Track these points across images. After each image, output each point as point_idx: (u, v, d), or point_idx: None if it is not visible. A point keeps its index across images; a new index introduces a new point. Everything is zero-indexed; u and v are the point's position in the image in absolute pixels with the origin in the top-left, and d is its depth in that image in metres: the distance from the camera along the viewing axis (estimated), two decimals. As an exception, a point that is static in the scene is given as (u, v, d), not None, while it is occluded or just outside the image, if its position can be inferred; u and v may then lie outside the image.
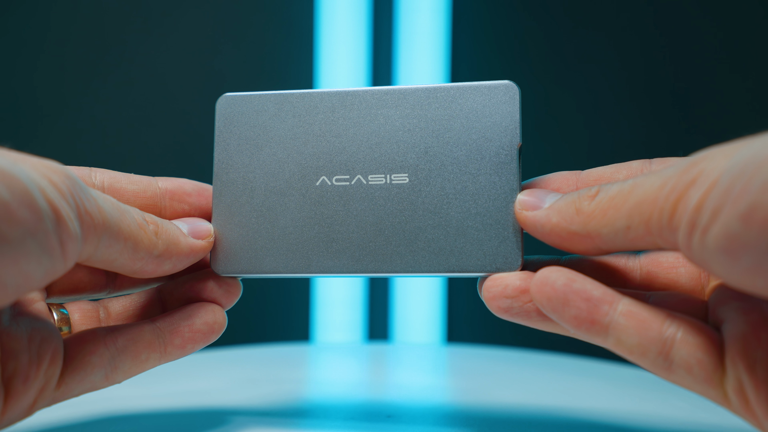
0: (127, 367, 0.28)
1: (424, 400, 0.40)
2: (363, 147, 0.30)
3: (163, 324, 0.29)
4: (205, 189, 0.32)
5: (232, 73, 0.77)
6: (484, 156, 0.29)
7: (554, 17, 0.77)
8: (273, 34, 0.77)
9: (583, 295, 0.25)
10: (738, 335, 0.23)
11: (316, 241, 0.30)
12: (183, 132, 0.77)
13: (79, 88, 0.75)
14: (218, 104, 0.32)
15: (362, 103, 0.31)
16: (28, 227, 0.21)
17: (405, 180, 0.30)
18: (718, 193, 0.20)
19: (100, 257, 0.25)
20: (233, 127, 0.31)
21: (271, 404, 0.37)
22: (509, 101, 0.30)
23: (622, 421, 0.35)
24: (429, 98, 0.30)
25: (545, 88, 0.77)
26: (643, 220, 0.23)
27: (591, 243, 0.26)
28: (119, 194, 0.30)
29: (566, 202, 0.26)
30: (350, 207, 0.30)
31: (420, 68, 0.76)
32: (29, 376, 0.25)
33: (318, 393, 0.43)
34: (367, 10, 0.76)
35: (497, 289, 0.28)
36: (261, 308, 0.78)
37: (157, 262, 0.28)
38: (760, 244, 0.19)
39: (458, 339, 0.77)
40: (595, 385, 0.44)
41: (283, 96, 0.31)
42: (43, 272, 0.22)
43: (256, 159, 0.31)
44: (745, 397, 0.23)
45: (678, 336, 0.24)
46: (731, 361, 0.23)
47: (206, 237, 0.30)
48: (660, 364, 0.24)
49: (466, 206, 0.29)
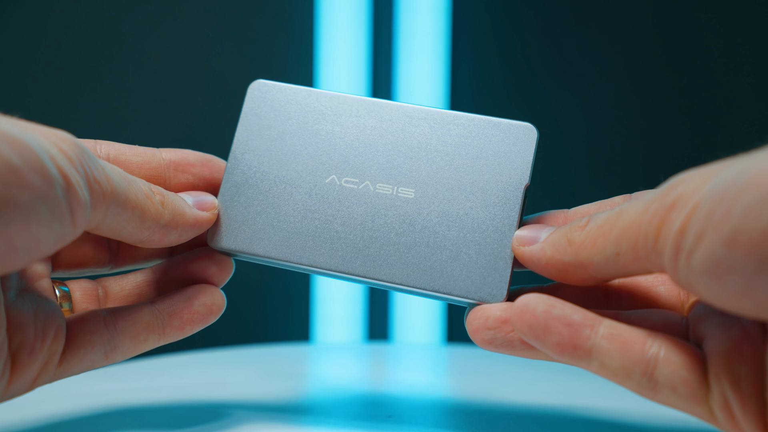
0: (126, 348, 0.29)
1: (424, 400, 0.40)
2: (377, 156, 0.31)
3: (162, 306, 0.30)
4: (209, 160, 0.32)
5: (231, 73, 0.77)
6: (491, 188, 0.30)
7: (554, 17, 0.77)
8: (273, 34, 0.77)
9: (563, 321, 0.25)
10: (720, 351, 0.23)
11: (313, 235, 0.30)
12: (182, 132, 0.77)
13: (76, 87, 0.75)
14: (250, 88, 0.33)
15: (386, 115, 0.32)
16: (39, 192, 0.21)
17: (411, 195, 0.30)
18: (700, 217, 0.20)
19: (109, 225, 0.26)
20: (259, 111, 0.32)
21: (271, 404, 0.37)
22: (526, 142, 0.30)
23: (622, 421, 0.35)
24: (451, 123, 0.31)
25: (545, 88, 0.77)
26: (630, 245, 0.23)
27: (585, 272, 0.26)
28: (124, 166, 0.31)
29: (559, 234, 0.27)
30: (352, 209, 0.30)
31: (420, 68, 0.76)
32: (35, 349, 0.26)
33: (318, 393, 0.43)
34: (367, 10, 0.76)
35: (479, 322, 0.28)
36: (261, 308, 0.78)
37: (163, 232, 0.28)
38: (745, 268, 0.19)
39: (458, 339, 0.77)
40: (595, 385, 0.44)
41: (314, 93, 0.32)
42: (54, 238, 0.22)
43: (274, 146, 0.32)
44: (731, 413, 0.23)
45: (661, 355, 0.24)
46: (715, 378, 0.23)
47: (210, 209, 0.31)
48: (645, 385, 0.24)
49: (464, 233, 0.30)
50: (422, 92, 0.75)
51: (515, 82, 0.78)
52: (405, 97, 0.76)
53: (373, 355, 0.60)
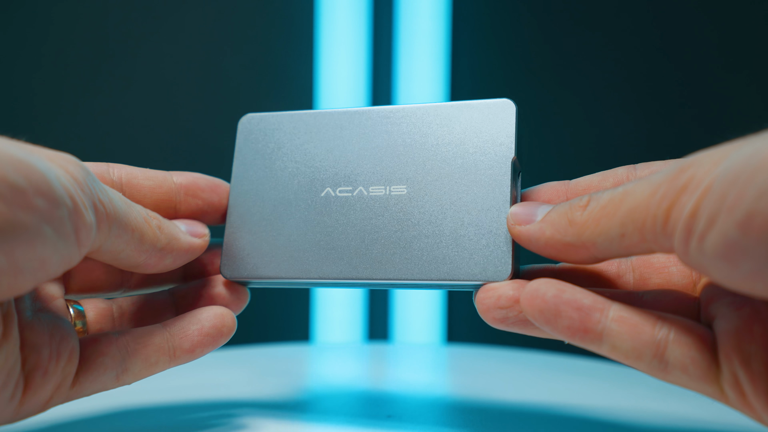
0: (137, 370, 0.29)
1: (424, 400, 0.40)
2: (366, 161, 0.32)
3: (173, 328, 0.30)
4: (217, 186, 0.33)
5: (232, 73, 0.77)
6: (479, 169, 0.30)
7: (554, 18, 0.77)
8: (273, 34, 0.77)
9: (573, 305, 0.25)
10: (731, 330, 0.23)
11: (317, 249, 0.31)
12: (183, 132, 0.77)
13: (79, 88, 0.75)
14: (240, 123, 0.34)
15: (368, 121, 0.33)
16: (45, 214, 0.22)
17: (403, 191, 0.31)
18: (712, 199, 0.20)
19: (109, 248, 0.26)
20: (251, 143, 0.34)
21: (272, 404, 0.37)
22: (506, 117, 0.31)
23: (622, 421, 0.35)
24: (430, 116, 0.32)
25: (545, 88, 0.77)
26: (636, 227, 0.23)
27: (586, 252, 0.26)
28: (136, 189, 0.32)
29: (558, 213, 0.27)
30: (351, 216, 0.31)
31: (420, 68, 0.76)
32: (48, 370, 0.26)
33: (318, 393, 0.43)
34: (367, 11, 0.76)
35: (491, 301, 0.28)
36: (261, 308, 0.78)
37: (159, 256, 0.29)
38: (759, 250, 0.19)
39: (458, 339, 0.77)
40: (594, 385, 0.45)
41: (298, 115, 0.34)
42: (59, 259, 0.23)
43: (269, 172, 0.33)
44: (741, 392, 0.23)
45: (671, 337, 0.24)
46: (725, 357, 0.23)
47: (202, 237, 0.32)
48: (656, 366, 0.24)
49: (460, 216, 0.30)
50: (422, 92, 0.75)
51: (515, 82, 0.78)
52: (405, 96, 0.76)
53: (373, 355, 0.60)
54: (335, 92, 0.76)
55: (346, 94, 0.75)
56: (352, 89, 0.76)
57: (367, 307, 0.78)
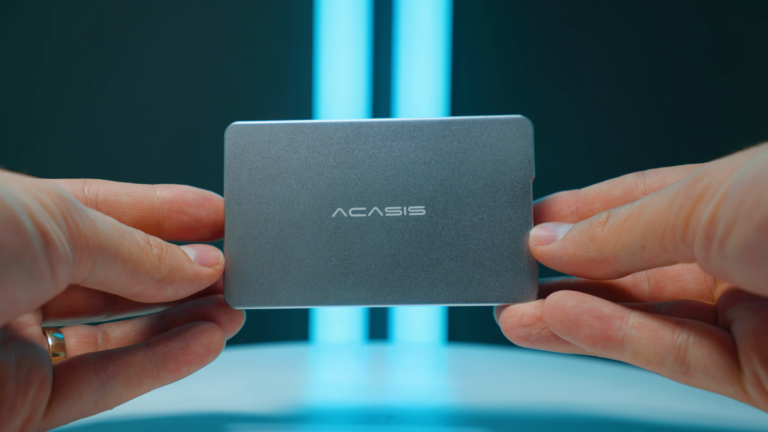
0: (118, 394, 0.27)
1: (424, 401, 0.40)
2: (379, 179, 0.30)
3: (157, 348, 0.28)
4: (207, 199, 0.31)
5: (232, 73, 0.77)
6: (499, 189, 0.30)
7: (553, 21, 0.77)
8: (273, 35, 0.77)
9: (594, 314, 0.26)
10: (750, 332, 0.24)
11: (334, 273, 0.30)
12: (184, 132, 0.77)
13: (79, 90, 0.75)
14: (227, 133, 0.31)
15: (377, 135, 0.31)
16: (13, 252, 0.20)
17: (422, 212, 0.30)
18: (729, 206, 0.21)
19: (97, 279, 0.24)
20: (244, 157, 0.31)
21: (272, 404, 0.37)
22: (522, 135, 0.30)
23: (622, 421, 0.35)
24: (443, 131, 0.31)
25: (544, 90, 0.77)
26: (656, 238, 0.24)
27: (609, 267, 0.26)
28: (113, 207, 0.29)
29: (579, 231, 0.27)
30: (367, 239, 0.30)
31: (420, 70, 0.76)
32: (15, 404, 0.24)
33: (318, 393, 0.43)
34: (367, 11, 0.76)
35: (514, 320, 0.28)
36: (261, 308, 0.78)
37: (158, 287, 0.27)
38: None
39: (458, 339, 0.77)
40: (594, 385, 0.45)
41: (295, 126, 0.31)
42: (31, 297, 0.21)
43: (269, 190, 0.30)
44: (764, 390, 0.23)
45: (690, 340, 0.24)
46: (745, 358, 0.24)
47: (214, 264, 0.29)
48: (678, 370, 0.25)
49: (483, 238, 0.30)
50: (422, 93, 0.75)
51: (515, 84, 0.78)
52: (405, 97, 0.76)
53: (373, 355, 0.60)
54: (335, 92, 0.75)
55: (346, 94, 0.75)
56: (352, 90, 0.76)
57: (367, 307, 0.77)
